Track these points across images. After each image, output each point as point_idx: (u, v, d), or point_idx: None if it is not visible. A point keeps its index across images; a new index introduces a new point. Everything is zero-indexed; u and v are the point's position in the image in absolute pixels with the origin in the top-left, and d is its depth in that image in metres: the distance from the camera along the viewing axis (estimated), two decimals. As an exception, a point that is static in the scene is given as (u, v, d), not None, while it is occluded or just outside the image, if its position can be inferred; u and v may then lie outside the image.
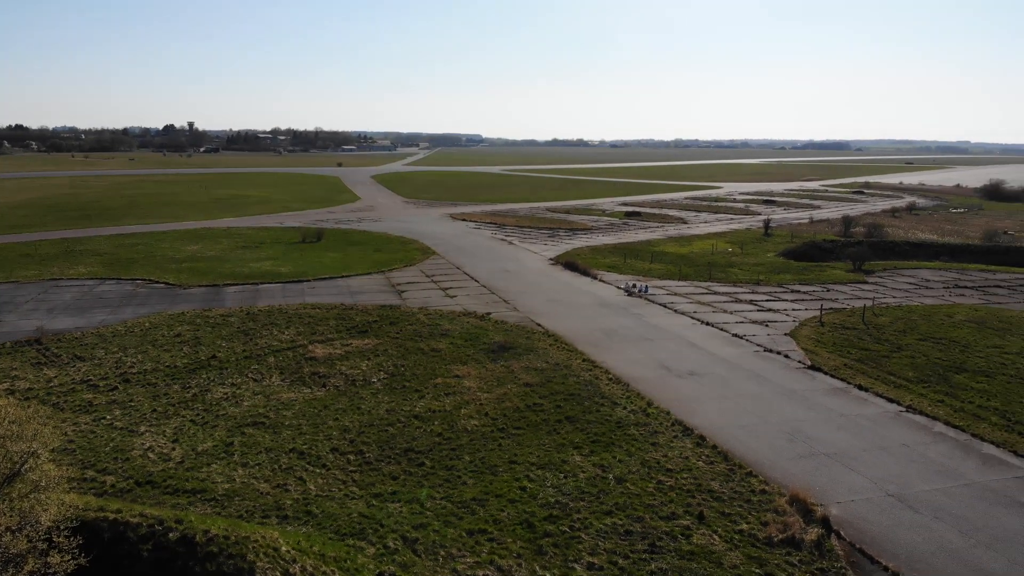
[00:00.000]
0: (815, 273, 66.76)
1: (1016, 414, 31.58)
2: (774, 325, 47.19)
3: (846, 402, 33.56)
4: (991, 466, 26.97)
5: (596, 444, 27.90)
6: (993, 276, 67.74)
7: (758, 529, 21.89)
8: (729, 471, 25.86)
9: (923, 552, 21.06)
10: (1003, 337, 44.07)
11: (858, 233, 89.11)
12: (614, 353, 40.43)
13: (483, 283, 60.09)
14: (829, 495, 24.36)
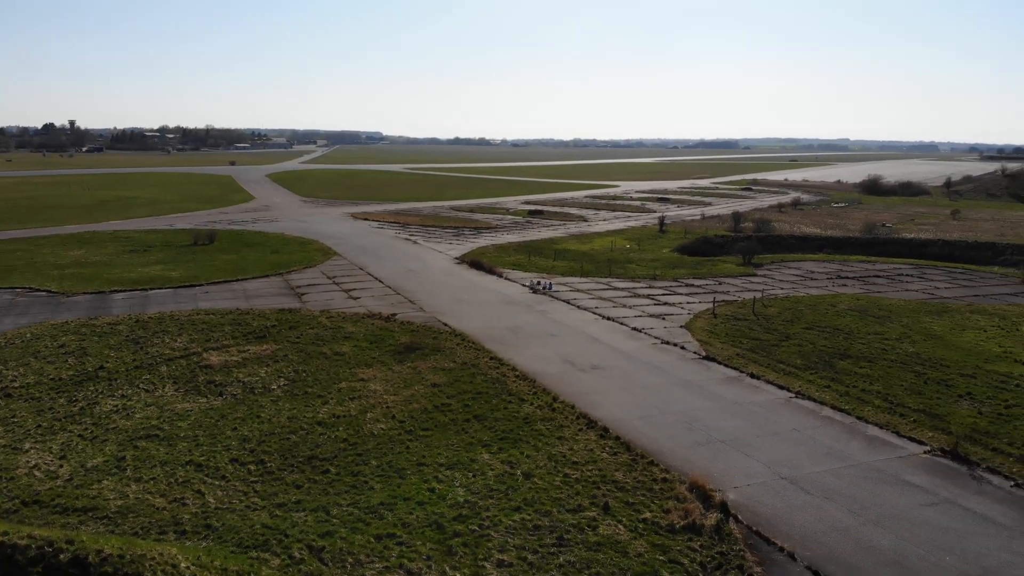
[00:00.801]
0: (708, 267, 69.33)
1: (897, 397, 33.76)
2: (671, 318, 48.74)
3: (739, 390, 35.04)
4: (875, 447, 28.73)
5: (504, 441, 28.09)
6: (873, 266, 72.17)
7: (661, 517, 22.58)
8: (632, 461, 26.55)
9: (815, 531, 22.23)
10: (883, 324, 47.02)
11: (747, 228, 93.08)
12: (521, 350, 40.80)
13: (387, 284, 59.43)
14: (726, 480, 25.38)
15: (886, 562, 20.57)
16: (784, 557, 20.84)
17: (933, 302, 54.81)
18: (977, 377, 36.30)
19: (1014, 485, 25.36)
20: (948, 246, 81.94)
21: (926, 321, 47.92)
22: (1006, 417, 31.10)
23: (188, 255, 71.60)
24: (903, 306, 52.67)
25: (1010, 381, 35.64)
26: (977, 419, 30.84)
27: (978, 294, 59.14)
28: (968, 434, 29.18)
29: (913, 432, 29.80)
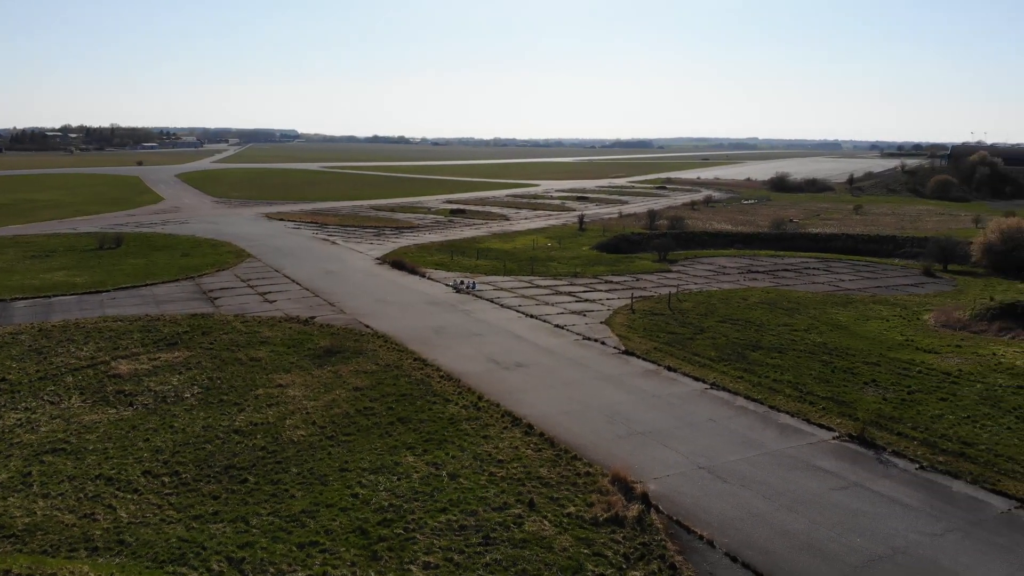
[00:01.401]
0: (626, 264, 70.70)
1: (806, 385, 35.17)
2: (591, 314, 49.47)
3: (658, 383, 35.86)
4: (787, 434, 29.87)
5: (429, 443, 27.93)
6: (781, 260, 75.01)
7: (584, 510, 22.89)
8: (556, 456, 26.83)
9: (732, 518, 22.95)
10: (792, 316, 48.92)
11: (662, 226, 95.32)
12: (445, 350, 40.64)
13: (305, 286, 58.23)
14: (647, 472, 25.93)
15: (799, 546, 21.41)
16: (704, 545, 21.44)
17: (838, 294, 57.40)
18: (881, 365, 38.18)
19: (919, 467, 26.78)
20: (851, 240, 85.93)
21: (832, 312, 50.11)
22: (909, 402, 32.81)
23: (93, 260, 68.40)
24: (810, 298, 54.95)
25: (912, 368, 37.61)
26: (882, 405, 32.43)
27: (880, 285, 62.27)
28: (874, 420, 30.65)
29: (822, 419, 31.12)
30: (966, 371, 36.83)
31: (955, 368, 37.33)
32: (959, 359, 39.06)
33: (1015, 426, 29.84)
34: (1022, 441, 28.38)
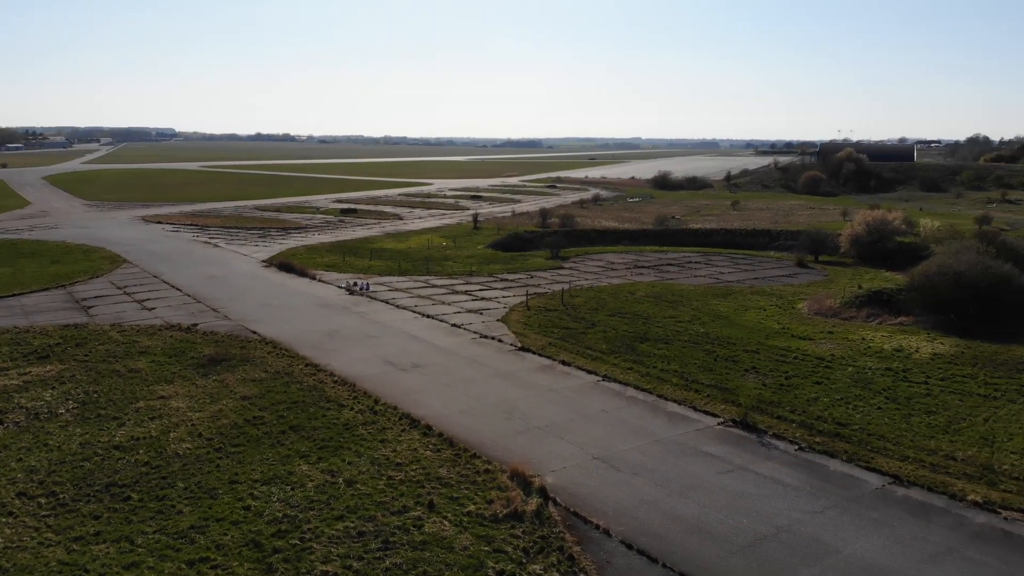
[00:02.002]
0: (520, 262, 71.47)
1: (692, 374, 36.60)
2: (488, 313, 49.74)
3: (553, 377, 36.46)
4: (676, 422, 31.00)
5: (324, 450, 27.33)
6: (665, 256, 77.72)
7: (484, 508, 23.00)
8: (455, 456, 26.83)
9: (627, 506, 23.63)
10: (676, 308, 50.78)
11: (554, 224, 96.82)
12: (338, 354, 39.85)
13: (187, 292, 55.72)
14: (544, 465, 26.32)
15: (690, 530, 22.29)
16: (600, 534, 21.98)
17: (719, 286, 60.05)
18: (760, 352, 40.21)
19: (798, 449, 28.38)
20: (730, 234, 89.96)
21: (713, 303, 52.38)
22: (787, 387, 34.70)
23: (-54, 269, 62.98)
24: (693, 291, 57.23)
25: (789, 354, 39.80)
26: (762, 390, 34.18)
27: (757, 277, 65.55)
28: (755, 405, 32.25)
29: (708, 406, 32.50)
30: (838, 356, 39.30)
31: (828, 353, 39.77)
32: (831, 344, 41.63)
33: (884, 406, 32.10)
34: (892, 420, 30.56)
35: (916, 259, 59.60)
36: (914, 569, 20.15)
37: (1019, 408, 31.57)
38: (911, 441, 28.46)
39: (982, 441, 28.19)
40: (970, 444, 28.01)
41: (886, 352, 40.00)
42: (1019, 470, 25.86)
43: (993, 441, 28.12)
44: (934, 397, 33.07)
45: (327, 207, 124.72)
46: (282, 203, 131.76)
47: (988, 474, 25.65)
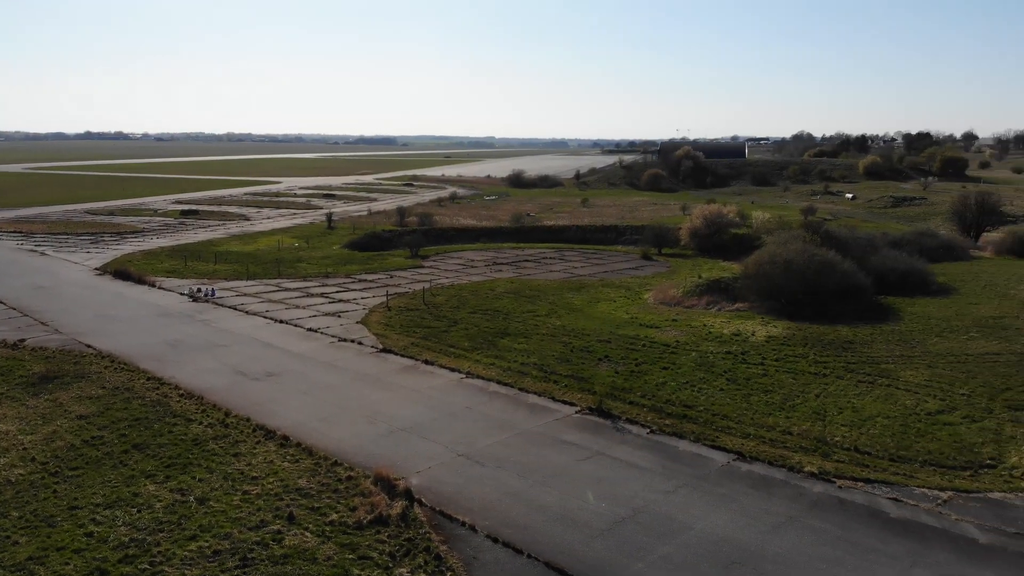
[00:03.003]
0: (379, 262, 70.50)
1: (550, 366, 37.50)
2: (346, 315, 48.70)
3: (416, 377, 36.26)
4: (536, 413, 31.66)
5: (172, 468, 25.78)
6: (522, 252, 79.15)
7: (348, 516, 22.53)
8: (315, 465, 26.10)
9: (492, 500, 23.88)
10: (534, 303, 51.85)
11: (412, 222, 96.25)
12: (183, 366, 37.69)
13: (11, 304, 50.86)
14: (409, 467, 26.13)
15: (553, 518, 22.85)
16: (466, 531, 22.10)
17: (573, 280, 61.91)
18: (612, 342, 41.80)
19: (649, 432, 29.75)
20: (581, 230, 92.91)
21: (568, 297, 53.93)
22: (637, 373, 36.28)
23: None
24: (549, 285, 58.68)
25: (638, 342, 41.61)
26: (615, 378, 35.55)
27: (607, 270, 68.11)
28: (609, 392, 33.50)
29: (566, 396, 33.45)
30: (683, 342, 41.54)
31: (673, 340, 41.94)
32: (676, 332, 43.94)
33: (726, 387, 34.24)
34: (733, 400, 32.65)
35: (750, 249, 63.91)
36: (760, 539, 21.64)
37: (846, 384, 34.63)
38: (751, 419, 30.55)
39: (815, 416, 30.70)
40: (804, 419, 30.43)
41: (725, 337, 42.69)
42: (849, 441, 28.36)
43: (824, 415, 30.69)
44: (770, 377, 35.66)
45: (166, 209, 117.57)
46: (116, 206, 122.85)
47: (822, 446, 27.97)
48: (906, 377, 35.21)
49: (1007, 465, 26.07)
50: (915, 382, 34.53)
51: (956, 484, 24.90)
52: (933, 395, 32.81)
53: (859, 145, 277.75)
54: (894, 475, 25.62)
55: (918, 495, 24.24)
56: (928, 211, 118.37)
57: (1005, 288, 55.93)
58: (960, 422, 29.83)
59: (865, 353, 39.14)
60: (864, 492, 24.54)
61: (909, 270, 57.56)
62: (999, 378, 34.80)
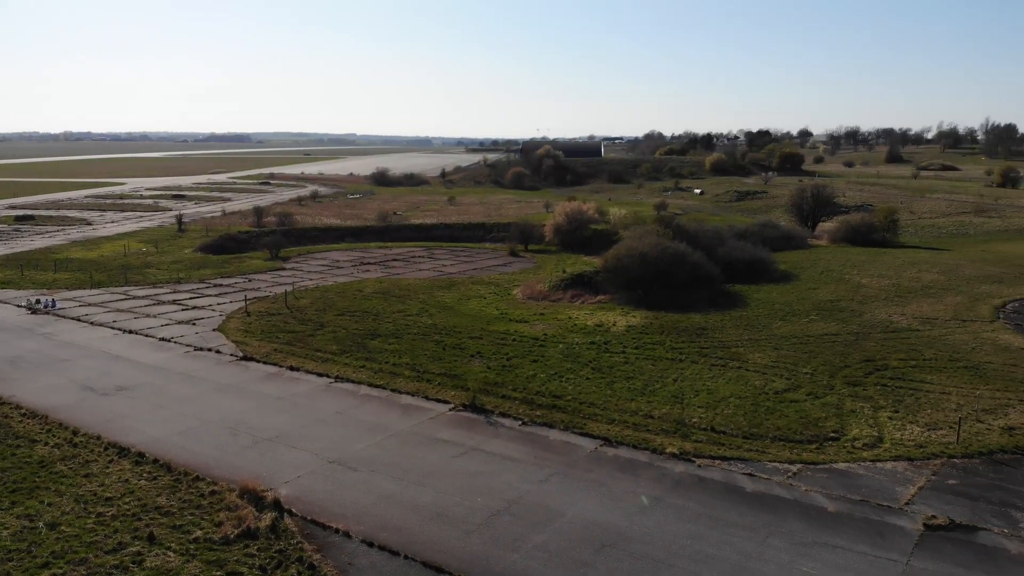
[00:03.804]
0: (235, 265, 67.64)
1: (423, 365, 37.38)
2: (202, 323, 46.44)
3: (281, 385, 35.13)
4: (410, 414, 31.49)
5: (17, 493, 23.73)
6: (390, 251, 78.31)
7: (213, 532, 21.59)
8: (175, 482, 24.80)
9: (366, 504, 23.57)
10: (404, 302, 51.47)
11: (271, 223, 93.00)
12: (24, 383, 34.72)
13: None
14: (277, 478, 25.33)
15: (429, 517, 22.85)
16: (341, 538, 21.70)
17: (443, 278, 61.95)
18: (483, 338, 42.21)
19: (522, 424, 30.30)
20: (449, 228, 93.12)
21: (439, 295, 53.94)
22: (509, 368, 36.84)
23: None
24: (419, 284, 58.44)
25: (508, 337, 42.24)
26: (487, 373, 35.94)
27: (476, 267, 68.63)
28: (482, 388, 33.83)
29: (439, 394, 33.49)
30: (550, 335, 42.56)
31: (542, 333, 42.90)
32: (544, 325, 44.96)
33: (592, 376, 35.39)
34: (599, 388, 33.81)
35: (609, 244, 66.24)
36: (628, 520, 22.58)
37: (700, 368, 36.64)
38: (616, 405, 31.78)
39: (673, 399, 32.32)
40: (664, 403, 31.97)
41: (589, 328, 44.12)
42: (706, 421, 30.05)
43: (682, 398, 32.38)
44: (631, 364, 37.19)
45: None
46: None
47: (681, 428, 29.50)
48: (755, 359, 37.73)
49: (849, 437, 28.50)
50: (763, 363, 37.07)
51: (804, 457, 26.97)
52: (780, 375, 35.35)
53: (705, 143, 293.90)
54: (748, 451, 27.42)
55: (770, 469, 26.06)
56: (769, 204, 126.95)
57: (840, 273, 60.99)
58: (805, 399, 32.30)
59: (717, 338, 41.59)
60: (722, 469, 26.11)
61: (754, 259, 61.60)
62: (838, 357, 37.96)
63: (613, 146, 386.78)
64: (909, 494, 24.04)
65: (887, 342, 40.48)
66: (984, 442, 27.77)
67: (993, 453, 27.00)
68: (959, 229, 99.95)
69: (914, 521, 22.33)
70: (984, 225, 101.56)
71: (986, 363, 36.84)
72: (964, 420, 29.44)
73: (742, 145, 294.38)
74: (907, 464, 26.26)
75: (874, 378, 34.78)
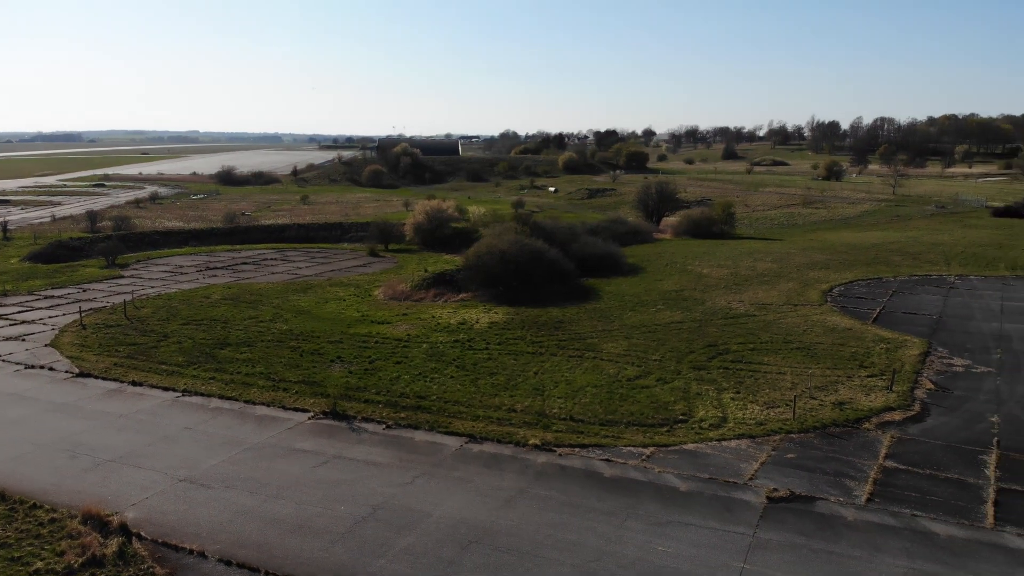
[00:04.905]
0: (68, 274, 62.60)
1: (279, 373, 36.12)
2: (32, 338, 42.65)
3: (123, 401, 32.89)
4: (266, 425, 30.35)
5: None
6: (239, 254, 75.05)
7: (55, 562, 19.95)
8: (10, 511, 22.70)
9: (222, 522, 22.52)
10: (256, 308, 49.49)
11: (106, 227, 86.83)
12: None
13: None
14: (123, 500, 23.74)
15: (290, 530, 22.16)
16: (195, 559, 20.64)
17: (298, 281, 60.10)
18: (344, 341, 41.37)
19: (386, 427, 29.95)
20: (303, 229, 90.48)
21: (294, 299, 52.29)
22: (371, 371, 36.31)
23: None
24: (272, 288, 56.38)
25: (370, 340, 41.61)
26: (349, 378, 35.26)
27: (334, 269, 67.10)
28: (343, 393, 33.17)
29: (297, 403, 32.52)
30: (413, 335, 42.35)
31: (405, 334, 42.60)
32: (407, 325, 44.66)
33: (456, 374, 35.54)
34: (463, 386, 33.99)
35: (469, 242, 66.75)
36: (493, 515, 22.88)
37: (559, 360, 37.67)
38: (480, 401, 32.12)
39: (535, 392, 33.06)
40: (526, 396, 32.63)
41: (452, 326, 44.29)
42: (565, 411, 30.94)
43: (543, 390, 33.17)
44: (495, 360, 37.70)
45: None
46: None
47: (542, 419, 30.22)
48: (608, 349, 39.26)
49: (696, 419, 30.22)
50: (616, 352, 38.63)
51: (656, 440, 28.36)
52: (631, 363, 36.97)
53: (558, 142, 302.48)
54: (605, 438, 28.51)
55: (626, 453, 27.22)
56: (618, 201, 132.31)
57: (683, 264, 64.52)
58: (655, 384, 33.97)
59: (574, 331, 42.93)
60: (581, 457, 27.00)
61: (605, 254, 64.09)
62: (684, 343, 40.16)
63: (470, 144, 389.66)
64: (752, 469, 25.84)
65: (727, 327, 43.28)
66: (818, 417, 30.28)
67: (826, 427, 29.48)
68: (789, 220, 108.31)
69: (758, 495, 24.01)
70: (811, 216, 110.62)
71: (817, 343, 40.18)
72: (799, 397, 32.00)
73: (591, 144, 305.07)
74: (749, 441, 28.20)
75: (717, 362, 37.09)
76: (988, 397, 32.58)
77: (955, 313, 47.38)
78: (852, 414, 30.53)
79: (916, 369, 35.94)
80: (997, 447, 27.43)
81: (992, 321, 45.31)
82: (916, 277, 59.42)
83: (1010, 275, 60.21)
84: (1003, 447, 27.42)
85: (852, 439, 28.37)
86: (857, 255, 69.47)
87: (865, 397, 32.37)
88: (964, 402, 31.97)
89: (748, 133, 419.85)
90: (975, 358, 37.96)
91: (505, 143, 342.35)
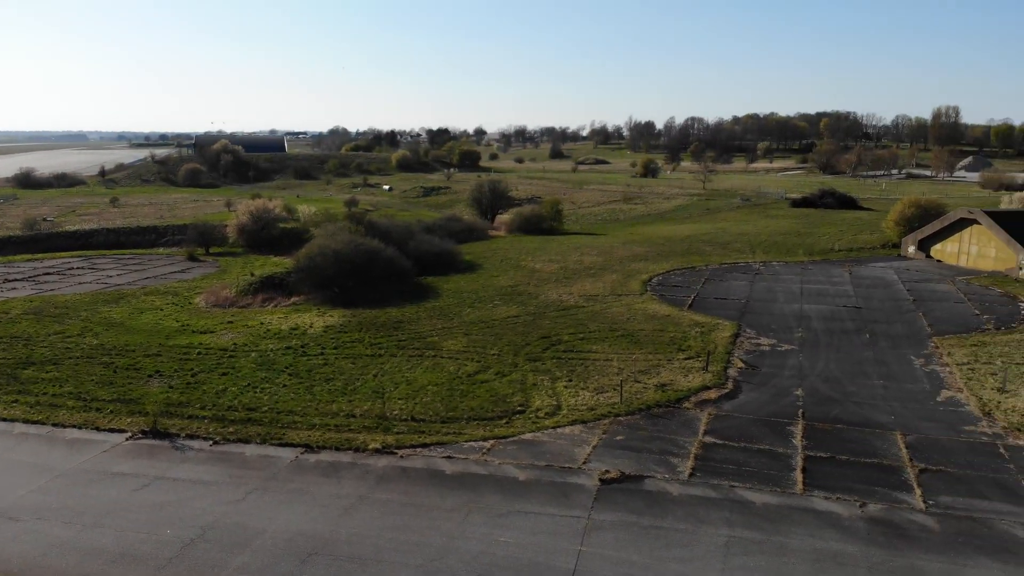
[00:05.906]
0: None
1: (90, 392, 33.26)
2: None
3: (-97, 436, 29.05)
4: (78, 449, 27.89)
5: None
6: (41, 264, 68.33)
7: None
8: None
9: (34, 557, 20.53)
10: (62, 322, 45.26)
11: None
12: None
13: None
14: (-94, 548, 20.99)
15: (112, 559, 20.56)
16: (-1, 603, 18.68)
17: (109, 291, 55.55)
18: (163, 354, 38.76)
19: (213, 443, 28.40)
20: (113, 234, 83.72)
21: (105, 311, 48.31)
22: (195, 384, 34.27)
23: None
24: (79, 300, 51.76)
25: (192, 351, 39.26)
26: (169, 393, 33.10)
27: (150, 276, 62.62)
28: (164, 410, 31.09)
29: (112, 423, 30.15)
30: (241, 344, 40.42)
31: (231, 343, 40.57)
32: (233, 334, 42.56)
33: (289, 383, 34.32)
34: (297, 394, 32.89)
35: (300, 242, 64.69)
36: (333, 525, 22.37)
37: (399, 360, 37.39)
38: (316, 409, 31.24)
39: (375, 395, 32.62)
40: (365, 400, 32.12)
41: (284, 332, 42.75)
42: (406, 412, 30.78)
43: (383, 392, 32.80)
44: (331, 365, 36.80)
45: None
46: None
47: (383, 422, 29.88)
48: (448, 346, 39.49)
49: (532, 409, 31.08)
50: (456, 349, 38.94)
51: (496, 432, 28.89)
52: (471, 359, 37.41)
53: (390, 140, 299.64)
54: (446, 435, 28.68)
55: (467, 448, 27.53)
56: (453, 199, 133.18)
57: (517, 260, 66.05)
58: (494, 378, 34.58)
59: (413, 330, 42.79)
60: (423, 456, 27.00)
61: (442, 252, 64.36)
62: (519, 336, 41.15)
63: (297, 141, 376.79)
64: (585, 454, 26.97)
65: (559, 319, 44.85)
66: (642, 399, 32.07)
67: (651, 408, 31.30)
68: (612, 216, 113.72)
69: (591, 478, 25.11)
70: (632, 211, 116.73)
71: (639, 330, 42.52)
72: (625, 382, 33.76)
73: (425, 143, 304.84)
74: (582, 427, 29.42)
75: (550, 352, 38.35)
76: (792, 373, 35.91)
77: (761, 297, 51.80)
78: (673, 395, 32.62)
79: (728, 350, 38.96)
80: (802, 418, 30.32)
81: (793, 303, 49.97)
82: (725, 265, 64.38)
83: (808, 260, 66.73)
84: (807, 418, 30.36)
85: (674, 418, 30.32)
86: (673, 247, 74.22)
87: (684, 378, 34.68)
88: (771, 378, 35.05)
89: (572, 133, 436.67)
90: (779, 337, 41.71)
91: (335, 140, 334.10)
